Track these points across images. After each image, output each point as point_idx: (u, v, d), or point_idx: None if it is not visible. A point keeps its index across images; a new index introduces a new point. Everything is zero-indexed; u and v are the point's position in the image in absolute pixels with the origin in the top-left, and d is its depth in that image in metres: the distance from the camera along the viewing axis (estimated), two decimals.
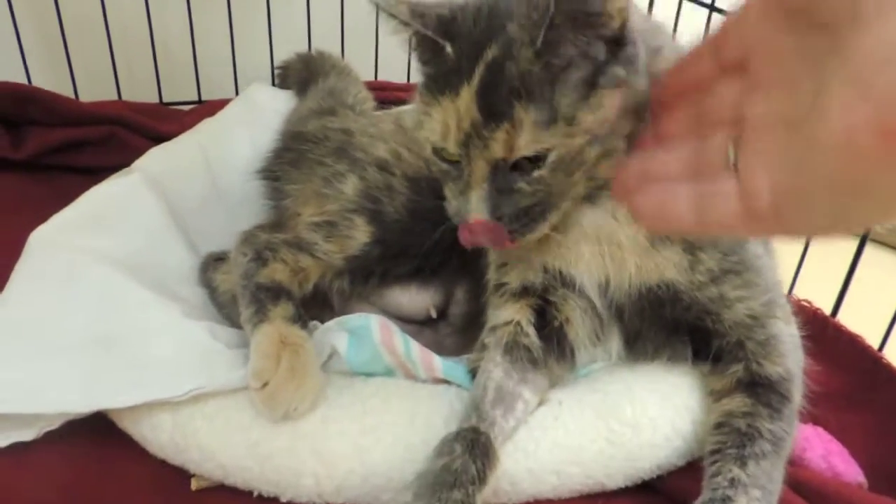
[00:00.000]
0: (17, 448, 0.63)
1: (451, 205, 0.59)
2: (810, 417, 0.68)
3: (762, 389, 0.63)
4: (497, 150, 0.54)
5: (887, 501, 0.57)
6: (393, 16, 0.56)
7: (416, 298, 0.78)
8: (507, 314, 0.68)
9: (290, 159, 0.83)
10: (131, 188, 0.86)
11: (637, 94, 0.53)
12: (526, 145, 0.53)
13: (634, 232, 0.62)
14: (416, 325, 0.79)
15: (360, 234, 0.75)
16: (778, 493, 0.59)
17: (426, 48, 0.57)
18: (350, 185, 0.77)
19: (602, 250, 0.63)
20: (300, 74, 1.17)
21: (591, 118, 0.53)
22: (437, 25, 0.55)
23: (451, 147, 0.56)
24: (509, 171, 0.55)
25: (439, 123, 0.56)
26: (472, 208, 0.56)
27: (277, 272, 0.73)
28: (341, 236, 0.75)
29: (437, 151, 0.58)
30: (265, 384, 0.62)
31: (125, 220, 0.81)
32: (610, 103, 0.53)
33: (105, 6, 1.13)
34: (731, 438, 0.61)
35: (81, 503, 0.62)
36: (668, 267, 0.63)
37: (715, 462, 0.60)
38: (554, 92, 0.52)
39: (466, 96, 0.54)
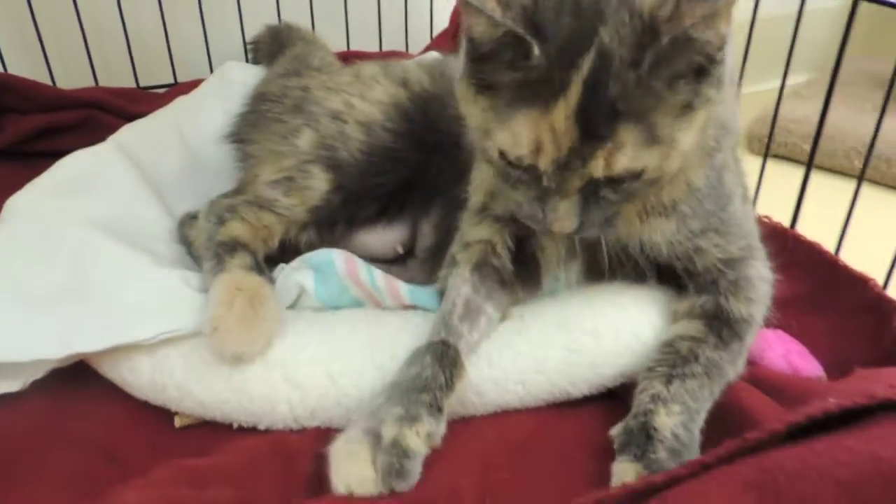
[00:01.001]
0: (4, 398, 0.65)
1: (524, 208, 0.58)
2: (775, 322, 0.70)
3: (719, 323, 0.65)
4: (597, 170, 0.52)
5: (834, 384, 0.58)
6: (483, 13, 0.50)
7: (382, 237, 0.80)
8: (484, 233, 0.69)
9: (251, 120, 0.85)
10: (105, 155, 0.89)
11: (716, 110, 0.55)
12: (625, 165, 0.52)
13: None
14: (385, 263, 0.81)
15: (320, 184, 0.77)
16: (704, 413, 0.60)
17: (508, 49, 0.52)
18: (305, 139, 0.78)
19: None
20: (270, 48, 1.19)
21: (687, 138, 0.53)
22: (523, 20, 0.51)
23: (544, 165, 0.53)
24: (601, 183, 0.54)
25: (528, 139, 0.52)
26: (560, 217, 0.55)
27: (236, 229, 0.75)
28: (301, 189, 0.76)
29: (505, 156, 0.55)
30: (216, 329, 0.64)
31: (100, 184, 0.84)
32: (700, 123, 0.53)
33: None
34: (668, 359, 0.63)
35: (69, 447, 0.64)
36: (655, 232, 0.65)
37: (644, 379, 0.63)
38: (656, 113, 0.51)
39: (563, 112, 0.51)
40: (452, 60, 0.80)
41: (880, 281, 0.75)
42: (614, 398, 0.68)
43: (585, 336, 0.66)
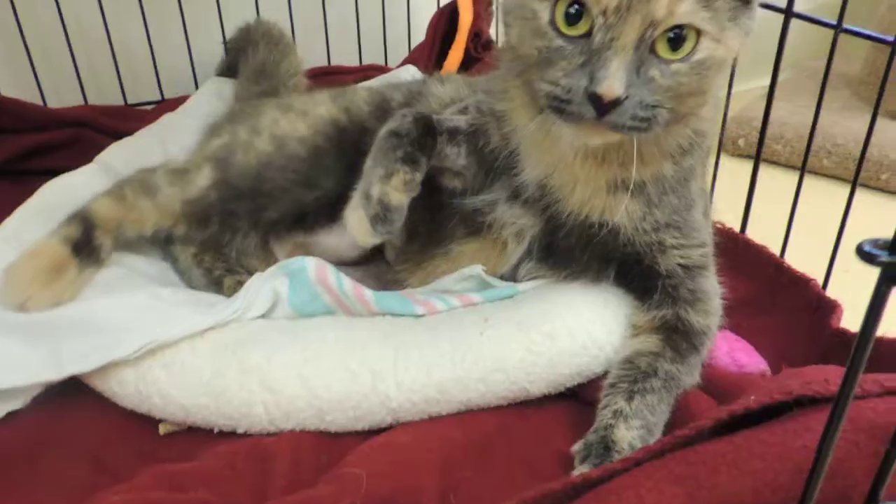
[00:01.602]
0: None
1: (562, 83, 0.57)
2: (725, 323, 0.74)
3: (677, 335, 0.69)
4: (659, 8, 0.53)
5: (763, 381, 0.62)
6: None
7: (342, 238, 0.84)
8: None
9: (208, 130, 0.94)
10: (89, 177, 0.93)
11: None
12: (685, 14, 0.54)
13: (595, 171, 0.67)
14: (361, 266, 0.85)
15: (202, 179, 0.83)
16: (661, 424, 0.65)
17: None
18: (217, 142, 0.86)
19: (560, 166, 0.68)
20: (238, 45, 1.24)
21: (734, 39, 0.58)
22: None
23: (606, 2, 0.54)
24: (650, 53, 0.55)
25: None
26: (610, 75, 0.54)
27: (100, 207, 0.81)
28: (185, 182, 0.83)
29: (555, 25, 0.57)
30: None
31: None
32: (736, 45, 0.58)
33: (63, 15, 1.19)
34: (629, 374, 0.67)
35: (60, 455, 0.68)
36: (619, 211, 0.67)
37: (607, 395, 0.66)
38: None
39: None
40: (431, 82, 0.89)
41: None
42: (573, 398, 0.72)
43: (543, 337, 0.70)
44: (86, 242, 0.78)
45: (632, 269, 0.72)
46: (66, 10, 1.20)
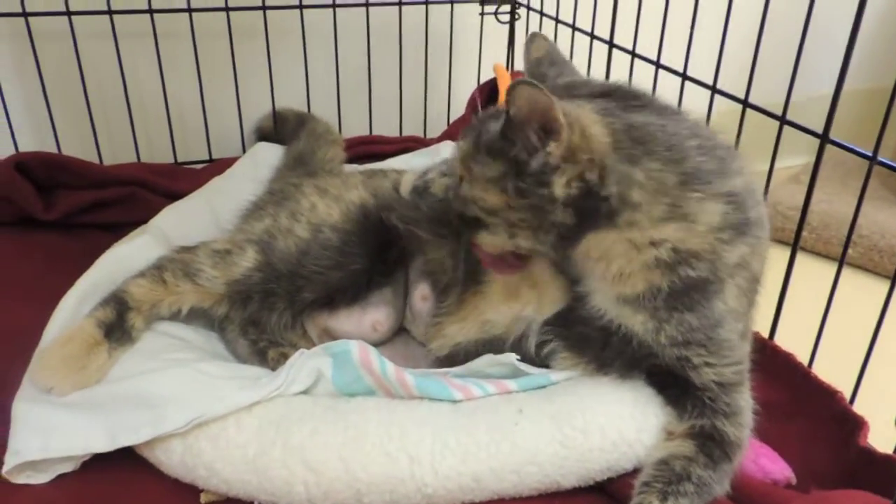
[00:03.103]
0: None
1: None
2: (755, 429, 0.75)
3: (712, 443, 0.70)
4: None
5: (797, 494, 0.63)
6: None
7: (352, 320, 0.92)
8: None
9: (249, 209, 1.00)
10: (142, 248, 0.98)
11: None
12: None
13: (600, 282, 0.71)
14: (387, 344, 0.90)
15: (246, 261, 0.87)
16: None
17: None
18: (261, 225, 0.91)
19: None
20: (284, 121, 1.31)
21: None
22: None
23: None
24: None
25: None
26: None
27: (137, 288, 0.85)
28: (229, 263, 0.87)
29: None
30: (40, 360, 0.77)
31: None
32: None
33: (125, 79, 1.27)
34: (663, 475, 0.68)
35: None
36: (635, 322, 0.71)
37: (641, 493, 0.68)
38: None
39: None
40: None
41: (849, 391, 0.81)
42: (601, 491, 0.74)
43: (576, 432, 0.72)
44: (119, 325, 0.82)
45: (665, 378, 0.74)
46: (126, 70, 1.26)
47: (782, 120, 0.87)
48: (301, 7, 1.32)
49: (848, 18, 0.74)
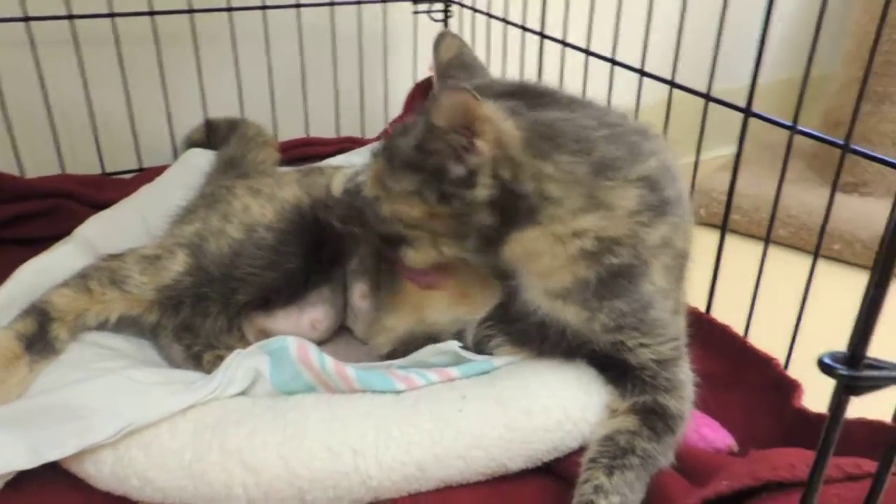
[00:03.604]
0: None
1: None
2: (696, 400, 0.76)
3: (654, 417, 0.71)
4: None
5: (731, 463, 0.64)
6: None
7: (289, 320, 0.90)
8: None
9: (180, 214, 0.97)
10: (64, 258, 0.94)
11: None
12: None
13: (528, 277, 0.72)
14: (329, 343, 0.89)
15: (176, 265, 0.84)
16: (638, 502, 0.66)
17: None
18: (190, 228, 0.88)
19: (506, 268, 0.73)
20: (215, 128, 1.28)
21: None
22: None
23: None
24: None
25: None
26: None
27: (60, 298, 0.81)
28: (158, 269, 0.84)
29: None
30: None
31: None
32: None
33: (46, 88, 1.22)
34: (608, 451, 0.69)
35: None
36: (568, 314, 0.72)
37: (588, 469, 0.68)
38: None
39: None
40: None
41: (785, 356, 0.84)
42: (548, 472, 0.74)
43: (520, 414, 0.72)
44: (41, 337, 0.78)
45: (604, 360, 0.74)
46: (47, 79, 1.22)
47: (707, 97, 0.89)
48: (229, 9, 1.30)
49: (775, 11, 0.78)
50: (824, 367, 0.31)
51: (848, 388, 0.32)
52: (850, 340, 0.32)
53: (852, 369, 0.31)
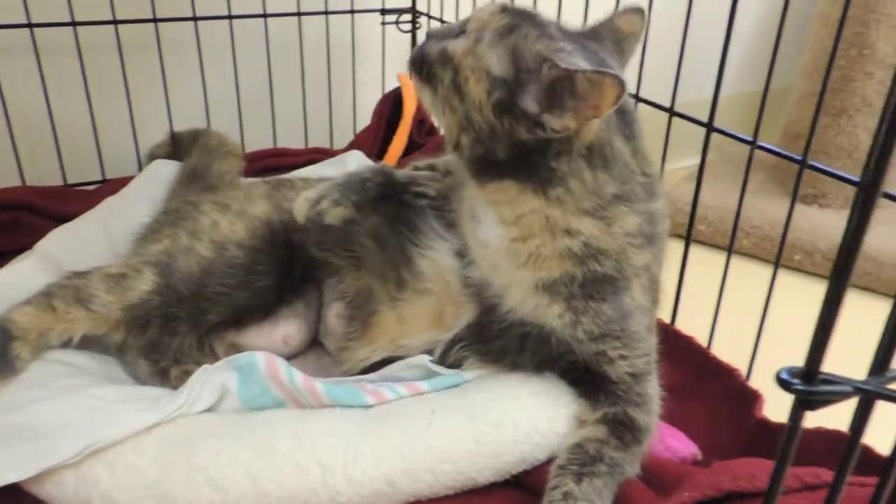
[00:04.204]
0: None
1: None
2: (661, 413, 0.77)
3: (623, 427, 0.73)
4: None
5: (695, 473, 0.66)
6: None
7: (263, 335, 0.89)
8: None
9: (143, 233, 0.95)
10: (25, 273, 0.92)
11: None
12: None
13: (519, 268, 0.72)
14: (299, 357, 0.87)
15: (144, 284, 0.83)
16: None
17: None
18: (158, 247, 0.87)
19: (490, 257, 0.74)
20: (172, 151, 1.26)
21: None
22: None
23: None
24: None
25: None
26: None
27: (21, 317, 0.79)
28: (124, 287, 0.82)
29: None
30: None
31: None
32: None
33: (5, 97, 1.19)
34: (578, 458, 0.70)
35: None
36: (552, 316, 0.72)
37: (557, 476, 0.69)
38: None
39: None
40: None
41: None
42: (518, 485, 0.74)
43: (489, 427, 0.72)
44: (1, 356, 0.76)
45: (580, 373, 0.75)
46: (6, 88, 1.19)
47: (671, 112, 0.91)
48: (195, 19, 1.29)
49: (736, 29, 0.81)
50: (781, 383, 0.32)
51: (804, 402, 0.32)
52: (807, 356, 0.33)
53: (808, 384, 0.32)
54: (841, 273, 0.31)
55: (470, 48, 0.69)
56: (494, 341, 0.77)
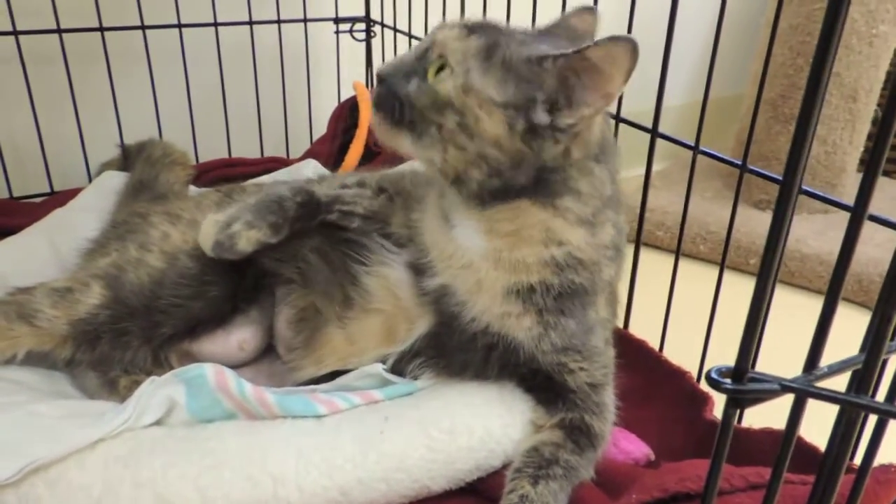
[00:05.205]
0: None
1: None
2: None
3: (579, 433, 0.73)
4: None
5: (644, 474, 0.66)
6: None
7: (218, 343, 0.87)
8: None
9: (89, 247, 0.93)
10: None
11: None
12: None
13: (495, 269, 0.71)
14: (252, 365, 0.86)
15: (91, 298, 0.80)
16: None
17: None
18: (105, 260, 0.85)
19: (462, 259, 0.72)
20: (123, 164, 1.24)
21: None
22: None
23: None
24: None
25: None
26: None
27: None
28: (71, 301, 0.80)
29: None
30: None
31: None
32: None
33: None
34: (534, 461, 0.70)
35: None
36: (518, 329, 0.72)
37: (513, 479, 0.69)
38: None
39: None
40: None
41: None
42: (473, 493, 0.74)
43: (442, 434, 0.72)
44: None
45: (539, 381, 0.75)
46: None
47: (617, 119, 0.92)
48: (143, 28, 1.26)
49: (689, 38, 0.82)
50: (711, 382, 0.33)
51: (734, 401, 0.33)
52: (737, 356, 0.34)
53: (737, 383, 0.32)
54: (766, 272, 0.31)
55: (464, 85, 0.65)
56: (455, 354, 0.76)
